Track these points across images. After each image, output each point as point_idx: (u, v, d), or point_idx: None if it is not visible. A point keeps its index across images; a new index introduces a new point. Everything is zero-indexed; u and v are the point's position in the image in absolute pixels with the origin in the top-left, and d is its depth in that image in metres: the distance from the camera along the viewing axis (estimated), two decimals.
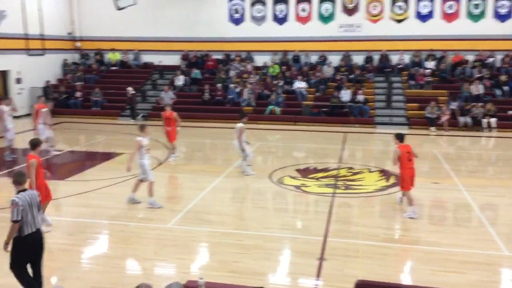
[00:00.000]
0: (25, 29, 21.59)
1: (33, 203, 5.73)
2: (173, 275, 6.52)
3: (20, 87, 21.60)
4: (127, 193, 10.41)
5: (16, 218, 5.52)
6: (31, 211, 5.67)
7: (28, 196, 5.72)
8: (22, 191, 5.73)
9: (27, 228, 5.62)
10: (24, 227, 5.60)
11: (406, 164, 9.06)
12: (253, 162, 13.10)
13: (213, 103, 21.23)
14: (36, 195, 5.88)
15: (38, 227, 5.80)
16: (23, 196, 5.64)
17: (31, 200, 5.72)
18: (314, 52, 23.15)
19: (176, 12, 23.78)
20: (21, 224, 5.57)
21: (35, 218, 5.72)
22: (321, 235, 8.02)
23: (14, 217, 5.51)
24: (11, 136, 13.47)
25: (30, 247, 5.71)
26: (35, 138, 8.55)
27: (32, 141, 8.01)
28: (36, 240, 5.75)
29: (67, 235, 8.12)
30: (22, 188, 5.78)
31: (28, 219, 5.62)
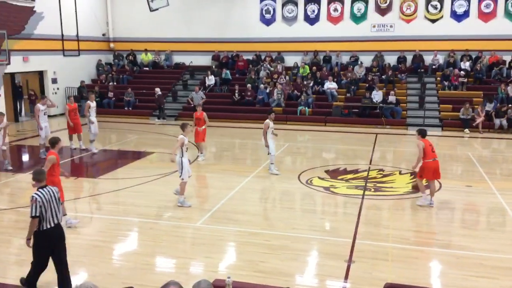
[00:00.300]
0: (62, 31, 22.20)
1: (52, 199, 5.89)
2: (201, 274, 6.58)
3: (56, 87, 22.22)
4: (157, 192, 10.61)
5: (34, 214, 5.69)
6: (51, 207, 5.84)
7: (48, 192, 5.88)
8: (42, 188, 5.91)
9: (46, 224, 5.79)
10: (43, 223, 5.77)
11: (430, 155, 9.49)
12: (282, 163, 13.09)
13: (243, 103, 21.31)
14: (55, 191, 6.04)
15: (58, 222, 5.96)
16: (42, 193, 5.81)
17: (50, 196, 5.88)
18: (346, 52, 22.93)
19: (208, 13, 23.99)
20: (40, 219, 5.74)
21: (54, 213, 5.88)
22: (350, 237, 7.93)
23: (33, 213, 5.69)
24: (46, 134, 13.87)
25: (48, 241, 5.85)
26: (54, 136, 8.80)
27: (52, 139, 8.33)
28: (55, 234, 5.90)
29: (99, 232, 8.30)
30: (42, 185, 5.97)
31: (47, 215, 5.79)
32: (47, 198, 5.83)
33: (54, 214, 5.89)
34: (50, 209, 5.82)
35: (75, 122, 14.69)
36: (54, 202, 5.91)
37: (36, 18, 20.57)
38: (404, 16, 22.16)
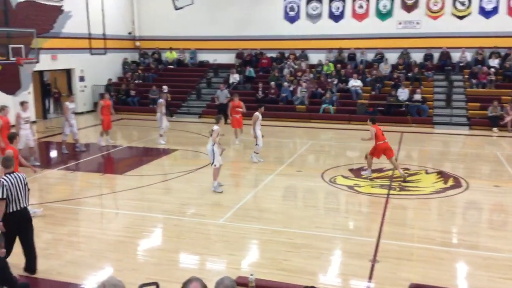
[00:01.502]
0: (89, 29, 22.58)
1: (18, 184, 6.36)
2: (223, 271, 6.61)
3: (83, 84, 22.63)
4: (181, 189, 10.70)
5: (1, 196, 6.18)
6: (17, 191, 6.30)
7: (14, 178, 6.36)
8: (9, 174, 6.39)
9: (12, 207, 6.27)
10: (9, 205, 6.25)
11: (381, 138, 11.25)
12: (305, 161, 13.03)
13: (267, 101, 21.25)
14: (23, 177, 6.50)
15: (24, 206, 6.43)
16: (9, 178, 6.31)
17: (17, 181, 6.35)
18: (371, 49, 22.67)
19: (232, 11, 24.04)
20: (7, 202, 6.22)
21: (20, 197, 6.36)
22: (374, 236, 7.85)
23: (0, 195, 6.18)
24: (72, 131, 14.17)
25: (16, 223, 6.32)
26: (13, 131, 9.39)
27: (10, 134, 8.76)
28: (21, 217, 6.38)
29: (125, 228, 8.42)
30: (9, 171, 6.44)
31: (13, 198, 6.27)
32: (13, 182, 6.30)
33: (21, 198, 6.37)
34: (16, 193, 6.29)
35: (107, 119, 14.91)
36: (20, 187, 6.38)
37: (64, 17, 20.97)
38: (431, 13, 21.77)
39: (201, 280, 3.22)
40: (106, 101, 15.13)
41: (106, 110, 14.90)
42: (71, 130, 14.11)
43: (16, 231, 6.31)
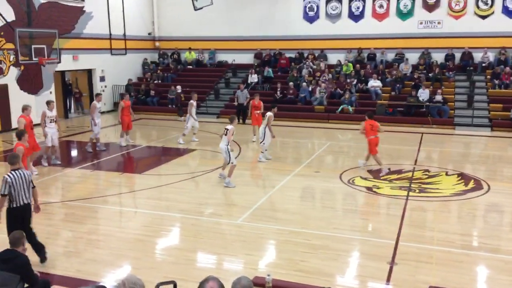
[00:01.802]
0: (110, 30, 22.86)
1: (22, 181, 6.56)
2: (241, 270, 6.62)
3: (103, 84, 22.92)
4: (199, 188, 10.76)
5: (3, 192, 6.46)
6: (20, 188, 6.53)
7: (19, 175, 6.55)
8: (14, 170, 6.59)
9: (15, 202, 6.53)
10: (13, 201, 6.52)
11: (370, 133, 11.80)
12: (323, 162, 12.98)
13: (285, 101, 21.24)
14: (27, 174, 6.71)
15: (27, 202, 6.65)
16: (13, 175, 6.52)
17: (20, 178, 6.55)
18: (391, 49, 22.44)
19: (251, 12, 24.07)
20: (10, 198, 6.50)
21: (23, 194, 6.58)
22: (393, 238, 7.76)
23: (2, 191, 6.46)
24: (98, 129, 14.39)
25: (19, 218, 6.56)
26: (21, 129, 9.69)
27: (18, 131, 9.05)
28: (23, 212, 6.63)
29: (143, 226, 8.49)
30: (15, 168, 6.63)
31: (16, 194, 6.51)
32: (17, 179, 6.51)
33: (23, 194, 6.58)
34: (19, 190, 6.52)
35: (128, 119, 15.10)
36: (24, 184, 6.58)
37: (86, 17, 21.27)
38: (452, 13, 21.45)
39: (218, 279, 3.23)
40: (126, 101, 15.29)
41: (126, 110, 15.06)
42: (95, 129, 14.34)
43: (18, 226, 6.44)
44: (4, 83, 17.47)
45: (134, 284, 3.19)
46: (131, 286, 3.12)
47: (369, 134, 11.87)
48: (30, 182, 6.70)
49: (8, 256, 5.03)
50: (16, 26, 17.41)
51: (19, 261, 5.03)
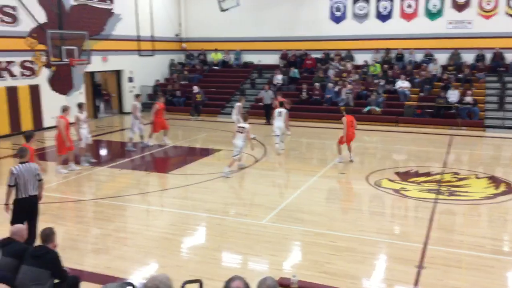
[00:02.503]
0: (138, 32, 23.20)
1: (27, 175, 6.89)
2: (265, 271, 6.62)
3: (131, 85, 23.27)
4: (224, 188, 10.81)
5: (9, 183, 6.87)
6: (26, 180, 6.88)
7: (26, 167, 6.92)
8: (22, 163, 6.96)
9: (21, 193, 6.89)
10: (18, 192, 6.88)
11: (349, 129, 12.70)
12: (349, 163, 12.87)
13: (311, 102, 21.16)
14: (34, 167, 7.03)
15: (30, 194, 6.96)
16: (20, 167, 6.90)
17: (27, 171, 6.90)
18: (419, 50, 22.08)
19: (277, 12, 24.05)
20: (16, 189, 6.87)
21: (29, 186, 6.92)
22: (421, 242, 7.63)
23: (8, 182, 6.87)
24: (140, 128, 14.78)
25: (23, 209, 6.94)
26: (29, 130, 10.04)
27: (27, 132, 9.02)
28: (28, 204, 6.96)
29: (169, 225, 8.58)
30: (22, 161, 7.01)
31: (21, 186, 6.87)
32: (23, 171, 6.87)
33: (28, 186, 6.92)
34: (25, 181, 6.88)
35: (161, 121, 15.32)
36: (30, 177, 6.91)
37: (114, 19, 21.64)
38: (483, 12, 20.96)
39: (244, 279, 3.24)
40: (161, 104, 15.48)
41: (160, 113, 15.28)
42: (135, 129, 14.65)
43: (23, 216, 6.89)
44: (36, 84, 17.92)
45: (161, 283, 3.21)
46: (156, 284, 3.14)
47: (349, 130, 12.76)
48: (37, 175, 7.02)
49: (39, 252, 5.14)
50: (48, 27, 17.85)
51: (50, 257, 5.13)
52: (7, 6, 16.71)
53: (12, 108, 16.88)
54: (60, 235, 7.34)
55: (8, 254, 5.06)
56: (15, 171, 6.86)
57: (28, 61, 17.67)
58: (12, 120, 16.88)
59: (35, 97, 17.86)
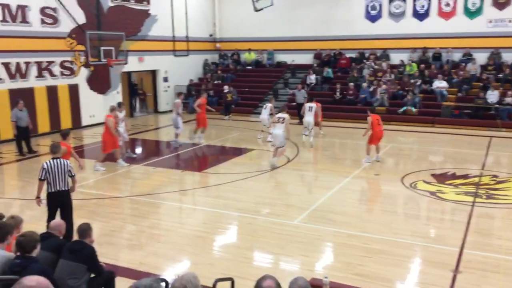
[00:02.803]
0: (173, 32, 23.52)
1: (59, 169, 7.19)
2: (297, 271, 6.59)
3: (166, 85, 23.63)
4: (256, 188, 10.83)
5: (39, 177, 7.20)
6: (56, 175, 7.17)
7: (56, 163, 7.20)
8: (54, 159, 7.26)
9: (51, 188, 7.21)
10: (49, 186, 7.21)
11: (376, 127, 12.65)
12: (384, 164, 12.67)
13: (344, 102, 20.94)
14: (65, 164, 7.28)
15: (59, 189, 7.24)
16: (50, 163, 7.19)
17: (57, 166, 7.18)
18: (458, 49, 21.50)
19: (311, 12, 23.91)
20: (47, 183, 7.20)
21: (58, 181, 7.21)
22: (457, 246, 7.44)
23: (39, 176, 7.20)
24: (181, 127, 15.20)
25: (54, 203, 7.27)
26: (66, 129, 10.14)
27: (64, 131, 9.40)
28: (58, 198, 7.26)
29: (202, 223, 8.67)
30: (54, 157, 7.31)
31: (51, 181, 7.18)
32: (53, 167, 7.16)
33: (58, 181, 7.21)
34: (54, 176, 7.17)
35: (205, 116, 15.68)
36: (60, 173, 7.20)
37: (151, 20, 22.01)
38: None
39: (275, 278, 3.23)
40: (204, 99, 15.86)
41: (203, 108, 15.65)
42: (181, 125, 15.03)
43: (55, 210, 7.28)
44: (75, 83, 18.44)
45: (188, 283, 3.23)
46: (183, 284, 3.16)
47: (376, 128, 12.70)
48: (68, 171, 7.30)
49: (76, 247, 5.27)
50: (87, 28, 18.33)
51: (86, 252, 5.26)
52: (48, 8, 17.26)
53: (52, 107, 17.43)
54: (97, 230, 7.50)
55: (47, 249, 5.19)
56: (45, 166, 7.18)
57: (68, 61, 18.20)
58: (51, 119, 17.42)
59: (74, 96, 18.37)
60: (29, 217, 8.00)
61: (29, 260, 4.45)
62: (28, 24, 16.60)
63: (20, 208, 9.48)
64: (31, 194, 10.23)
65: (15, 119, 13.73)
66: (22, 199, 10.23)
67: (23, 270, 4.22)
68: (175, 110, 15.08)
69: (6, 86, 15.85)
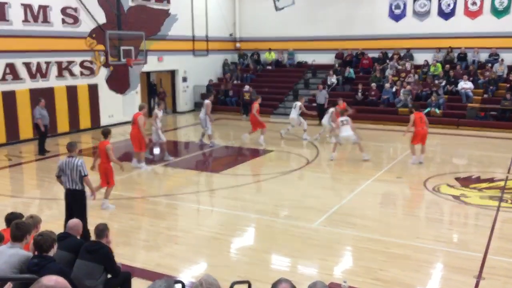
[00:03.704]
0: (193, 32, 23.54)
1: (69, 168, 7.32)
2: (315, 275, 6.43)
3: (185, 85, 23.65)
4: (274, 190, 10.69)
5: (56, 174, 7.58)
6: (66, 174, 7.35)
7: (69, 162, 7.34)
8: (69, 157, 7.42)
9: (64, 185, 7.48)
10: (63, 183, 7.48)
11: (418, 125, 12.41)
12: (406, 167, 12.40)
13: (366, 103, 20.63)
14: (78, 164, 7.33)
15: (71, 187, 7.40)
16: (63, 160, 7.41)
17: (67, 165, 7.33)
18: (484, 49, 20.96)
19: (333, 11, 23.63)
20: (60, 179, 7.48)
21: (69, 180, 7.36)
22: (481, 251, 7.18)
23: (56, 173, 7.56)
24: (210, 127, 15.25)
25: (66, 200, 7.50)
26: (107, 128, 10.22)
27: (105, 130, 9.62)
28: (68, 195, 7.44)
29: (219, 225, 8.58)
30: (69, 155, 7.47)
31: (63, 178, 7.43)
32: (65, 165, 7.33)
33: (69, 180, 7.37)
34: (66, 175, 7.36)
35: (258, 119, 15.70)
36: (72, 171, 7.31)
37: (171, 20, 22.05)
38: None
39: (291, 282, 3.12)
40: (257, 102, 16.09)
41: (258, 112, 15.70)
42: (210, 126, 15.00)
43: (68, 207, 7.44)
44: (94, 83, 18.58)
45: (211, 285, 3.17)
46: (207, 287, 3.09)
47: (418, 126, 12.46)
48: (79, 171, 7.33)
49: (93, 247, 5.25)
50: (107, 28, 18.44)
51: (102, 252, 5.24)
52: (69, 8, 17.41)
53: (72, 106, 17.54)
54: (114, 231, 7.50)
55: (64, 248, 5.19)
56: (58, 163, 7.47)
57: (88, 61, 18.32)
58: (71, 118, 17.55)
59: (94, 96, 18.49)
60: (47, 217, 8.03)
61: (46, 260, 4.46)
62: (49, 24, 16.77)
63: (39, 208, 9.55)
64: (50, 194, 10.34)
65: (40, 116, 13.88)
66: (41, 198, 10.30)
67: (41, 270, 4.24)
68: (204, 110, 15.10)
69: (27, 86, 16.03)
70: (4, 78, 15.42)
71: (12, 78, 15.65)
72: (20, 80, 15.92)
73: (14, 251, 4.59)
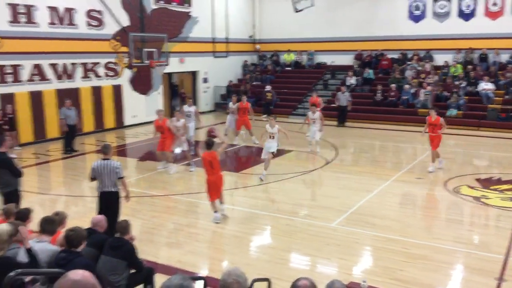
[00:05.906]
0: (213, 34, 23.77)
1: (105, 171, 7.20)
2: (334, 274, 6.51)
3: (206, 86, 23.90)
4: (293, 189, 10.80)
5: (90, 177, 7.36)
6: (102, 176, 7.21)
7: (103, 164, 7.23)
8: (104, 160, 7.28)
9: (99, 187, 7.32)
10: (98, 186, 7.32)
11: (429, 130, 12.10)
12: (426, 168, 12.35)
13: (386, 104, 20.55)
14: (114, 166, 7.24)
15: (105, 190, 7.26)
16: (99, 163, 7.26)
17: (104, 168, 7.20)
18: (505, 50, 20.69)
19: (352, 12, 23.60)
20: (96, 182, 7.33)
21: (104, 183, 7.23)
22: (502, 253, 7.16)
23: (90, 176, 7.37)
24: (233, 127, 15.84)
25: (102, 203, 7.30)
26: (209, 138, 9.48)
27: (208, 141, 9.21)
28: (103, 199, 7.29)
29: (239, 224, 8.72)
30: (104, 157, 7.32)
31: (98, 181, 7.29)
32: (100, 167, 7.20)
33: (106, 182, 7.22)
34: (101, 177, 7.23)
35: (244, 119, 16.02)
36: (108, 174, 7.19)
37: (192, 22, 22.33)
38: None
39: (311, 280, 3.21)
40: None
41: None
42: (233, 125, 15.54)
43: (104, 210, 7.17)
44: (118, 84, 18.95)
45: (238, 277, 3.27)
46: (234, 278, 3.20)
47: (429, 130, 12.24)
48: (116, 173, 7.26)
49: (116, 244, 5.41)
50: (130, 30, 18.79)
51: (126, 249, 5.39)
52: (94, 11, 17.80)
53: (97, 106, 17.97)
54: (137, 228, 7.71)
55: (89, 244, 5.32)
56: (94, 166, 7.29)
57: (112, 63, 18.71)
58: (96, 118, 17.97)
59: (118, 97, 18.87)
60: (73, 213, 8.28)
61: (74, 254, 4.57)
62: (75, 26, 17.18)
63: (65, 204, 9.83)
64: (76, 191, 10.63)
65: (63, 116, 14.37)
66: (67, 195, 10.59)
67: (68, 264, 4.33)
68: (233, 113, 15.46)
69: (53, 86, 16.48)
70: (31, 78, 15.88)
71: (39, 79, 16.13)
72: (47, 80, 16.38)
73: (42, 245, 4.77)
